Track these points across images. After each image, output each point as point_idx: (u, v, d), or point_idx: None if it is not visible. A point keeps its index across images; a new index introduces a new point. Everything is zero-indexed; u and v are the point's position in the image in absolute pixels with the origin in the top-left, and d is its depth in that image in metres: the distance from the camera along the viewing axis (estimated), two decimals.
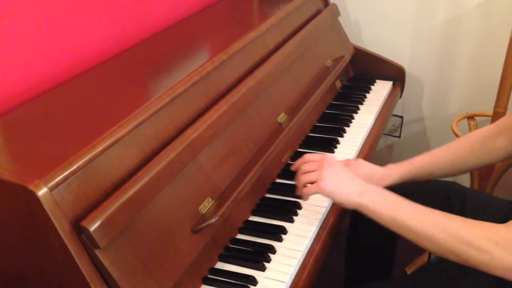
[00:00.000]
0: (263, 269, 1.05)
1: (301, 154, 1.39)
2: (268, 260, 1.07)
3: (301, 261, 1.08)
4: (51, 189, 0.78)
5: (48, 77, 1.19)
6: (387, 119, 1.72)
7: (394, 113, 2.18)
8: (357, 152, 1.45)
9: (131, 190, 0.87)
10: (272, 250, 1.09)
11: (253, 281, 1.02)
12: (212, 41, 1.40)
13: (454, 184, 1.36)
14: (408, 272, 1.97)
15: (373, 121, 1.61)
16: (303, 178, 1.10)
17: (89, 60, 1.29)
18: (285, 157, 1.39)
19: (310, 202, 1.24)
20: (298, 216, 1.19)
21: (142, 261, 0.88)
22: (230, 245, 1.12)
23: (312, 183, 1.10)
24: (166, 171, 0.95)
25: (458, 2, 1.86)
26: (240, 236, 1.15)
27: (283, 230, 1.14)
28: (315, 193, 1.07)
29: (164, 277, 0.91)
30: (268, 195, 1.28)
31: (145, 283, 0.87)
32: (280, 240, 1.12)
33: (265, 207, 1.23)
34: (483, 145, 1.21)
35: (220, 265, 1.07)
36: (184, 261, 0.96)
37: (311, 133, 1.54)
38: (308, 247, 1.11)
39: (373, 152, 1.53)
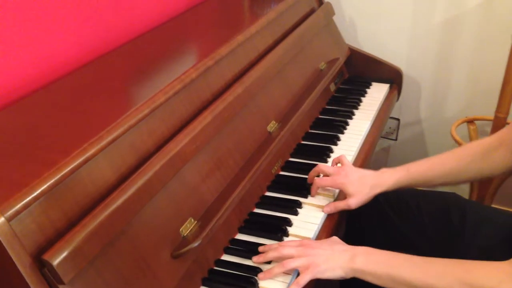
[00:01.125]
0: None
1: (292, 164, 1.32)
2: (255, 285, 0.98)
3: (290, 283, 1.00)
4: (9, 219, 0.70)
5: (13, 86, 1.09)
6: (384, 124, 1.64)
7: (390, 115, 2.10)
8: (352, 161, 1.37)
9: (102, 215, 0.79)
10: (260, 271, 1.01)
11: None
12: (198, 44, 1.31)
13: (453, 195, 1.28)
14: None
15: (369, 127, 1.53)
16: (288, 264, 0.98)
17: (62, 67, 1.19)
18: (275, 167, 1.31)
19: (301, 218, 1.16)
20: (289, 235, 1.11)
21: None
22: (215, 268, 1.04)
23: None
24: (143, 191, 0.87)
25: (458, 2, 1.78)
26: (225, 257, 1.07)
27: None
28: (308, 280, 0.96)
29: None
30: (256, 210, 1.20)
31: None
32: (269, 261, 1.04)
33: (253, 224, 1.15)
34: (484, 156, 1.14)
35: None
36: None
37: (303, 140, 1.46)
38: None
39: (369, 159, 1.45)
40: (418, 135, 2.15)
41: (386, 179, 1.17)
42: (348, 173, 1.19)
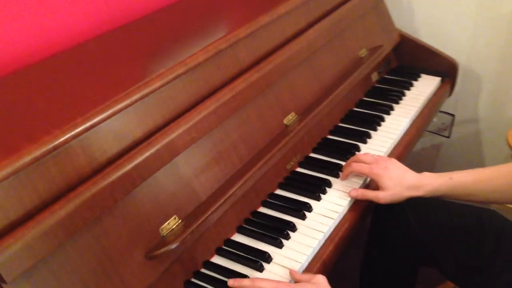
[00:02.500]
0: None
1: (312, 160, 1.22)
2: None
3: None
4: None
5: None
6: (427, 123, 1.48)
7: (444, 111, 1.91)
8: None
9: (61, 211, 0.72)
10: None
11: None
12: (215, 24, 1.21)
13: (491, 212, 1.13)
14: None
15: (407, 126, 1.37)
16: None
17: (70, 39, 1.14)
18: (291, 163, 1.20)
19: (308, 223, 1.05)
20: (290, 240, 1.01)
21: None
22: (202, 270, 0.96)
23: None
24: (118, 185, 0.80)
25: None
26: (215, 259, 0.99)
27: (267, 258, 0.96)
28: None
29: None
30: (261, 209, 1.10)
31: None
32: (261, 270, 0.95)
33: (254, 225, 1.05)
34: None
35: None
36: None
37: (330, 134, 1.33)
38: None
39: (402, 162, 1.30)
40: (473, 135, 1.95)
41: (427, 183, 1.07)
42: (389, 166, 1.09)
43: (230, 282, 0.90)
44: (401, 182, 1.07)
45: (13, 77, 1.02)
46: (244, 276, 0.93)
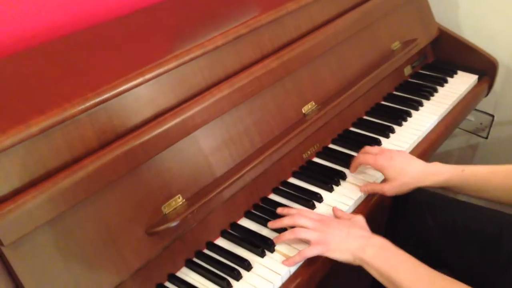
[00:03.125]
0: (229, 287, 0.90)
1: (330, 151, 1.20)
2: (238, 279, 0.91)
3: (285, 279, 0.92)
4: None
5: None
6: (457, 122, 1.43)
7: (483, 110, 1.85)
8: None
9: (64, 181, 0.75)
10: (248, 266, 0.93)
11: None
12: (240, 8, 1.20)
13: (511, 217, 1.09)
14: None
15: (434, 124, 1.33)
16: (299, 233, 0.94)
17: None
18: (308, 152, 1.19)
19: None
20: None
21: (66, 264, 0.77)
22: (204, 251, 0.98)
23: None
24: (123, 160, 0.82)
25: None
26: (219, 241, 1.00)
27: (269, 245, 0.96)
28: (314, 254, 0.93)
29: (92, 286, 0.79)
30: (271, 196, 1.10)
31: (63, 286, 0.76)
32: (262, 256, 0.95)
33: (261, 211, 1.06)
34: None
35: (184, 272, 0.94)
36: (126, 269, 0.84)
37: (352, 127, 1.32)
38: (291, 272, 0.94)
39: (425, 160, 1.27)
40: None
41: (436, 173, 1.04)
42: (394, 157, 1.07)
43: (269, 224, 0.99)
44: (406, 172, 1.04)
45: (37, 50, 1.05)
46: (244, 260, 0.93)
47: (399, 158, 1.06)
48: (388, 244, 0.90)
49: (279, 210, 1.01)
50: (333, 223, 0.95)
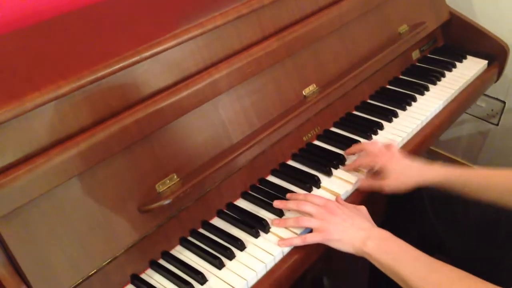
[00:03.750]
0: (220, 267, 0.91)
1: (331, 134, 1.20)
2: (231, 258, 0.92)
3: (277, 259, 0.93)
4: None
5: None
6: (464, 108, 1.41)
7: (495, 97, 1.82)
8: (401, 144, 1.19)
9: (56, 158, 0.76)
10: (241, 246, 0.94)
11: (204, 278, 0.88)
12: None
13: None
14: None
15: (439, 109, 1.32)
16: (302, 222, 0.95)
17: None
18: (309, 135, 1.19)
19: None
20: (292, 212, 1.01)
21: (58, 239, 0.78)
22: (199, 230, 0.99)
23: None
24: (117, 138, 0.83)
25: None
26: (214, 221, 1.01)
27: (264, 226, 0.97)
28: (316, 242, 0.94)
29: (84, 261, 0.81)
30: (270, 178, 1.11)
31: (56, 264, 0.78)
32: (256, 236, 0.96)
33: (258, 192, 1.06)
34: None
35: (178, 250, 0.95)
36: (118, 245, 0.85)
37: (355, 110, 1.31)
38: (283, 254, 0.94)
39: (426, 146, 1.26)
40: None
41: (433, 172, 1.04)
42: (395, 155, 1.07)
43: (275, 203, 1.00)
44: (407, 173, 1.05)
45: (35, 28, 1.06)
46: (238, 239, 0.94)
47: (400, 159, 1.07)
48: (389, 235, 0.90)
49: (288, 196, 1.02)
50: (338, 211, 0.94)
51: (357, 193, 1.08)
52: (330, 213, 0.94)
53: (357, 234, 0.91)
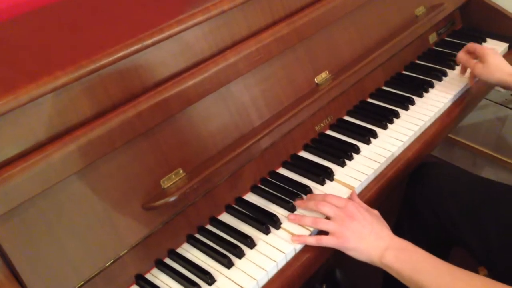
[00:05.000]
0: (229, 266, 0.86)
1: (344, 123, 1.15)
2: (240, 256, 0.88)
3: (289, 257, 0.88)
4: None
5: None
6: (483, 95, 1.36)
7: None
8: (415, 136, 1.13)
9: (56, 153, 0.72)
10: (251, 243, 0.89)
11: (212, 278, 0.84)
12: None
13: None
14: (482, 274, 1.65)
15: (458, 96, 1.25)
16: (320, 224, 0.90)
17: None
18: (321, 124, 1.14)
19: (325, 190, 1.00)
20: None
21: (58, 240, 0.74)
22: (207, 227, 0.94)
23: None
24: (117, 132, 0.78)
25: None
26: (223, 217, 0.96)
27: (275, 222, 0.92)
28: (331, 246, 0.89)
29: (86, 262, 0.76)
30: (280, 170, 1.06)
31: (56, 266, 0.74)
32: (267, 233, 0.91)
33: (269, 186, 1.01)
34: None
35: (185, 248, 0.91)
36: (121, 244, 0.81)
37: (370, 98, 1.25)
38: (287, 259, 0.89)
39: (442, 138, 1.20)
40: None
41: None
42: (496, 52, 1.19)
43: (297, 202, 0.95)
44: (502, 66, 1.15)
45: (32, 15, 1.01)
46: (248, 236, 0.90)
47: (499, 56, 1.19)
48: (407, 244, 0.86)
49: (308, 196, 0.97)
50: (358, 216, 0.89)
51: (372, 185, 1.02)
52: (349, 218, 0.88)
53: (375, 244, 0.86)
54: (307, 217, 0.91)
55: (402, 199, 1.19)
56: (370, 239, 0.86)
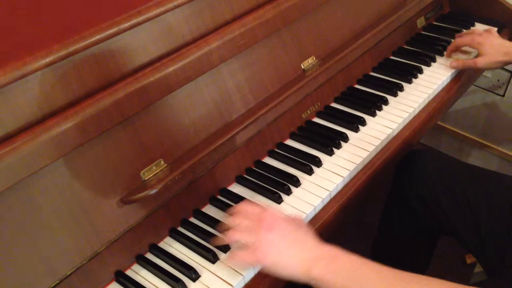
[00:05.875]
0: (214, 261, 0.82)
1: (332, 110, 1.11)
2: (225, 250, 0.84)
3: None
4: None
5: None
6: (473, 79, 1.33)
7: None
8: (405, 123, 1.10)
9: (27, 145, 0.67)
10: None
11: (196, 274, 0.80)
12: None
13: None
14: (469, 261, 1.65)
15: (447, 82, 1.22)
16: (233, 235, 0.77)
17: None
18: (308, 112, 1.10)
19: (314, 179, 0.96)
20: (291, 196, 0.93)
21: (29, 237, 0.69)
22: (191, 219, 0.90)
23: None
24: (90, 122, 0.73)
25: None
26: (207, 209, 0.92)
27: None
28: (246, 263, 0.78)
29: (61, 260, 0.72)
30: (266, 160, 1.02)
31: (27, 265, 0.69)
32: None
33: (254, 176, 0.97)
34: None
35: (168, 242, 0.87)
36: (98, 240, 0.76)
37: (357, 84, 1.21)
38: None
39: (431, 125, 1.17)
40: None
41: None
42: (490, 36, 1.19)
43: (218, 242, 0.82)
44: (500, 49, 1.15)
45: None
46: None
47: (493, 38, 1.18)
48: (340, 252, 0.71)
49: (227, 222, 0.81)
50: (275, 225, 0.74)
51: (361, 174, 0.99)
52: (265, 228, 0.74)
53: (299, 256, 0.72)
54: (223, 235, 0.80)
55: (389, 187, 1.17)
56: (293, 252, 0.72)
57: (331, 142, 1.03)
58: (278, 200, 0.91)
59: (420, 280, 0.66)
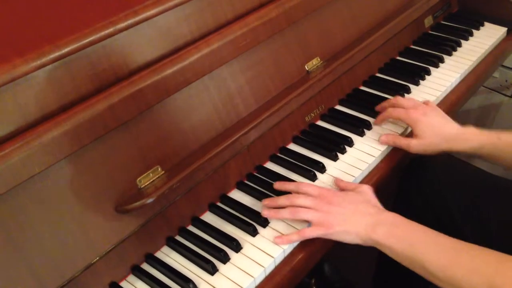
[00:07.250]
0: (212, 272, 0.79)
1: (336, 113, 1.07)
2: (225, 261, 0.80)
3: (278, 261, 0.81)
4: None
5: None
6: (482, 80, 1.28)
7: (507, 66, 1.68)
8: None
9: (15, 153, 0.63)
10: (237, 247, 0.82)
11: (194, 286, 0.77)
12: None
13: None
14: None
15: (456, 83, 1.19)
16: (298, 214, 0.83)
17: None
18: (312, 115, 1.06)
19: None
20: None
21: (18, 249, 0.66)
22: (189, 228, 0.87)
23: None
24: (87, 126, 0.70)
25: None
26: (206, 217, 0.89)
27: (263, 222, 0.85)
28: (316, 236, 0.82)
29: (51, 273, 0.69)
30: (268, 165, 0.98)
31: (15, 278, 0.66)
32: (254, 234, 0.84)
33: (255, 182, 0.94)
34: None
35: (165, 252, 0.83)
36: (92, 252, 0.73)
37: (363, 85, 1.17)
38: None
39: None
40: None
41: (471, 138, 0.95)
42: (428, 113, 0.97)
43: (265, 202, 0.87)
44: (440, 132, 0.95)
45: None
46: (233, 239, 0.82)
47: (434, 115, 0.97)
48: (401, 219, 0.79)
49: (277, 186, 0.89)
50: (335, 199, 0.83)
51: (367, 180, 0.96)
52: (327, 203, 0.82)
53: (363, 221, 0.79)
54: (283, 210, 0.84)
55: (395, 193, 1.13)
56: (355, 219, 0.80)
57: (335, 146, 0.99)
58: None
59: (470, 250, 0.72)
